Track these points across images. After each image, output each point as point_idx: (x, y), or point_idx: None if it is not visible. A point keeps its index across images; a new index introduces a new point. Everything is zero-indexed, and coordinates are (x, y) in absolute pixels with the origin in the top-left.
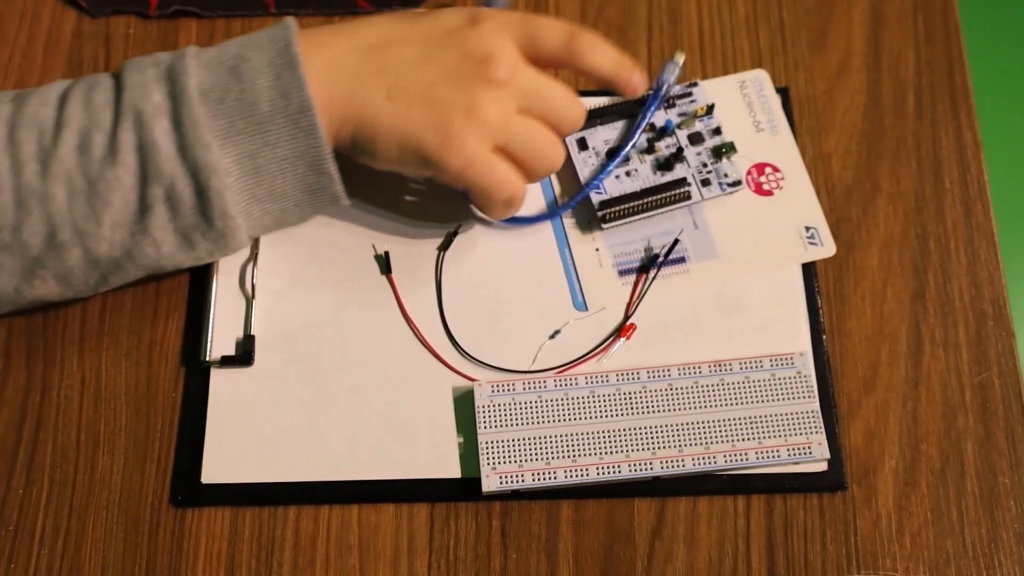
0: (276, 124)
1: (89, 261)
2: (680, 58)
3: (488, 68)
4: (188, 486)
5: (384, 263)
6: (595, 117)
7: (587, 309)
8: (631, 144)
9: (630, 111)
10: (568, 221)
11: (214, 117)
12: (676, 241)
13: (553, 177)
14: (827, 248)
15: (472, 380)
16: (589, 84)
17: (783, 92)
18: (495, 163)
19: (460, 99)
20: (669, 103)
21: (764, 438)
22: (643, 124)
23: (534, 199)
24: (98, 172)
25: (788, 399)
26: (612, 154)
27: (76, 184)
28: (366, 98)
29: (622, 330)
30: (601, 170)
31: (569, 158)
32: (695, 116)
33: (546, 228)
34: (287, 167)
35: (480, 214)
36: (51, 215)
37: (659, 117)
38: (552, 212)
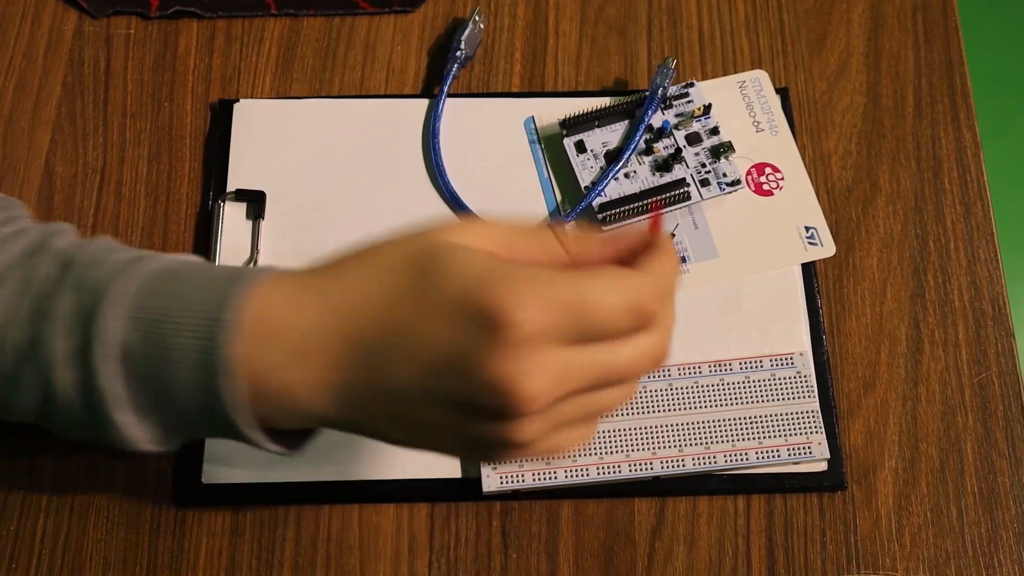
0: (200, 420)
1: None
2: (671, 62)
3: (504, 402)
4: (189, 486)
5: None
6: (593, 119)
7: None
8: (631, 149)
9: (627, 112)
10: (568, 223)
11: (129, 389)
12: (671, 236)
13: (554, 183)
14: (827, 248)
15: None
16: (589, 83)
17: (783, 92)
18: (556, 438)
19: (486, 439)
20: (666, 104)
21: (764, 438)
22: (642, 129)
23: (536, 208)
24: (6, 390)
25: (788, 399)
26: (610, 156)
27: None
28: (368, 420)
29: None
30: (602, 177)
31: (568, 162)
32: (692, 116)
33: None
34: (214, 434)
35: None
36: None
37: (656, 118)
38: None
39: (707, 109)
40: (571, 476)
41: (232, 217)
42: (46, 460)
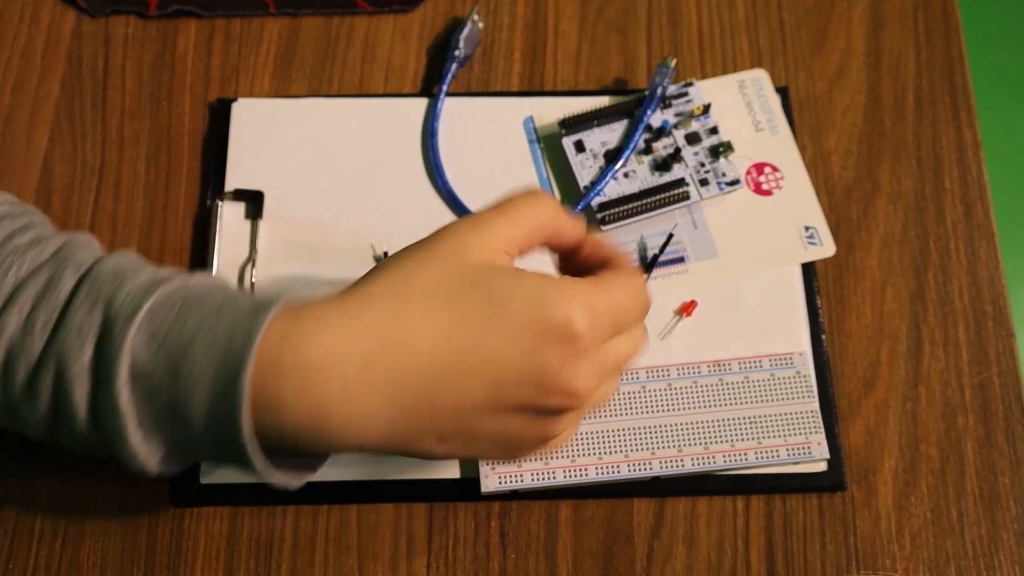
0: (213, 450)
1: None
2: (671, 62)
3: (570, 402)
4: (187, 486)
5: None
6: (592, 119)
7: None
8: (630, 148)
9: (627, 112)
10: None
11: (141, 408)
12: (670, 236)
13: (553, 182)
14: (827, 248)
15: None
16: (588, 83)
17: (783, 92)
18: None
19: (533, 436)
20: (665, 103)
21: (763, 438)
22: (641, 128)
23: None
24: (17, 401)
25: (787, 399)
26: (609, 156)
27: None
28: (412, 442)
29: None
30: (601, 176)
31: (567, 162)
32: (691, 116)
33: None
34: (219, 460)
35: None
36: None
37: (656, 118)
38: None
39: (706, 108)
40: (570, 476)
41: (230, 217)
42: (43, 459)
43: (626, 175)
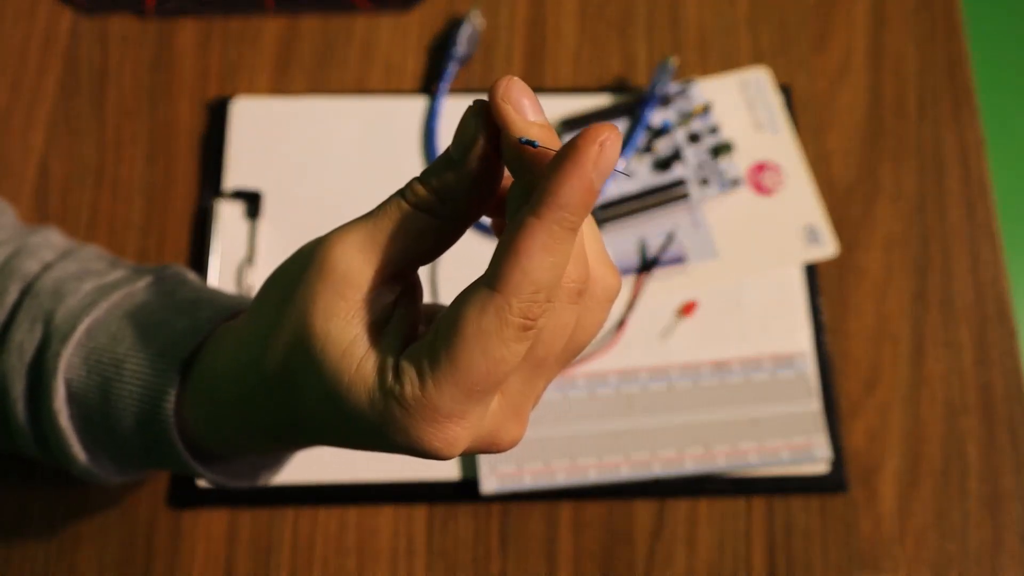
0: (149, 458)
1: None
2: (672, 61)
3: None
4: (186, 487)
5: None
6: (592, 118)
7: None
8: (631, 148)
9: (627, 111)
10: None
11: (81, 428)
12: (670, 236)
13: None
14: (828, 248)
15: None
16: (589, 82)
17: (784, 91)
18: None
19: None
20: (666, 102)
21: (765, 439)
22: (642, 127)
23: None
24: None
25: (789, 400)
26: None
27: None
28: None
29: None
30: None
31: None
32: (692, 115)
33: None
34: (165, 467)
35: None
36: None
37: (657, 117)
38: None
39: (707, 107)
40: (570, 477)
41: (229, 216)
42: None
43: (626, 174)
